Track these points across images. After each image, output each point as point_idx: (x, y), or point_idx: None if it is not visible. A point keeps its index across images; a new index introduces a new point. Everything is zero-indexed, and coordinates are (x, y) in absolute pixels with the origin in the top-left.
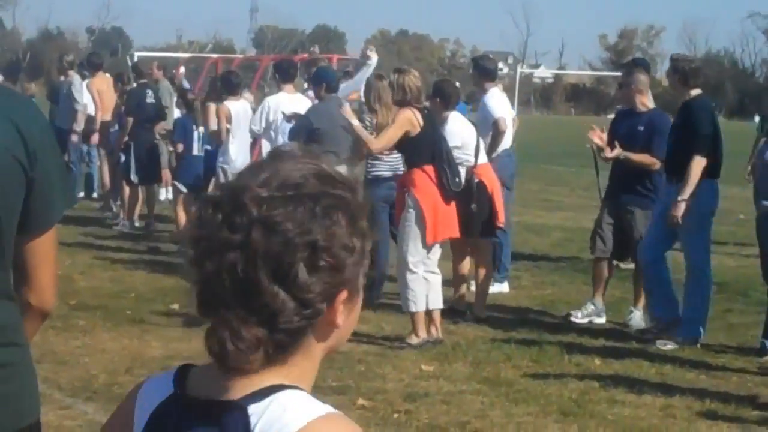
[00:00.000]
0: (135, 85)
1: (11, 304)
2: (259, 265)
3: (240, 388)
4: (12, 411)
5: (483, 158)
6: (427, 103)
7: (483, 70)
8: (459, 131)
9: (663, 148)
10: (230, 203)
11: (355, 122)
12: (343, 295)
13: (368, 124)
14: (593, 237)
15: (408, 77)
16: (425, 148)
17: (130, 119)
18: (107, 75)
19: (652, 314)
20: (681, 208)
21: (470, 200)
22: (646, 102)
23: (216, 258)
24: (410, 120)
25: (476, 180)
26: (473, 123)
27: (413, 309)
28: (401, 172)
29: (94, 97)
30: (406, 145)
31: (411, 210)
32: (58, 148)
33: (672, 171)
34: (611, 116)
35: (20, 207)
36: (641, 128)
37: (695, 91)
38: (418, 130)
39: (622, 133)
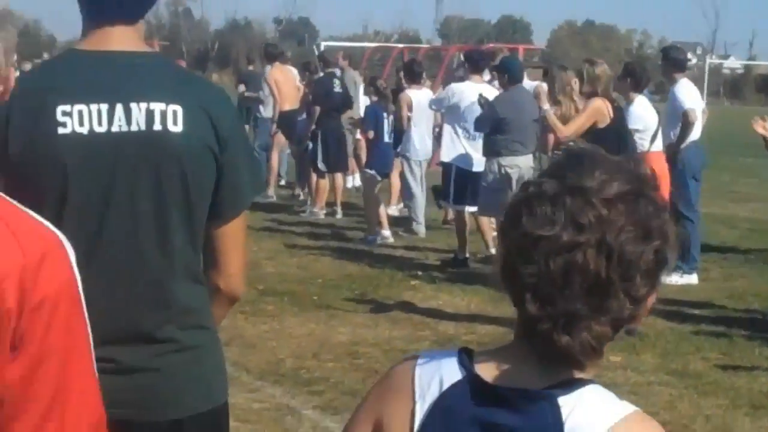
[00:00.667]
0: (322, 74)
1: (200, 287)
2: (613, 265)
3: (544, 379)
4: (201, 391)
5: (657, 146)
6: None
7: (673, 61)
8: (642, 115)
9: None
10: (575, 203)
11: (546, 106)
12: (654, 297)
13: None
14: None
15: (599, 69)
16: (612, 140)
17: (318, 108)
18: (287, 66)
19: None
20: None
21: None
22: None
23: (562, 257)
24: (601, 110)
25: None
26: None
27: None
28: None
29: (271, 88)
30: (593, 136)
31: None
32: (247, 136)
33: None
34: None
35: (211, 193)
36: None
37: None
38: (608, 121)
39: None
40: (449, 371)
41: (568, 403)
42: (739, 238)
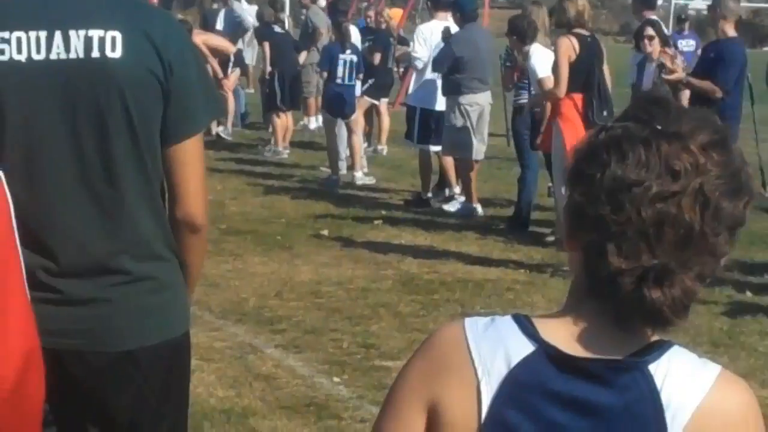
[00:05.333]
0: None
1: (156, 217)
2: (708, 219)
3: (625, 345)
4: (155, 323)
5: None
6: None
7: None
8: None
9: (727, 78)
10: (671, 148)
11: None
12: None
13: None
14: None
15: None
16: (578, 75)
17: (268, 50)
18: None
19: None
20: None
21: None
22: (726, 30)
23: (656, 206)
24: (568, 47)
25: None
26: None
27: None
28: None
29: (205, 54)
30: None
31: (558, 137)
32: (200, 58)
33: None
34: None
35: (159, 119)
36: (712, 55)
37: None
38: (574, 57)
39: (698, 62)
40: (515, 342)
41: (659, 371)
42: None
